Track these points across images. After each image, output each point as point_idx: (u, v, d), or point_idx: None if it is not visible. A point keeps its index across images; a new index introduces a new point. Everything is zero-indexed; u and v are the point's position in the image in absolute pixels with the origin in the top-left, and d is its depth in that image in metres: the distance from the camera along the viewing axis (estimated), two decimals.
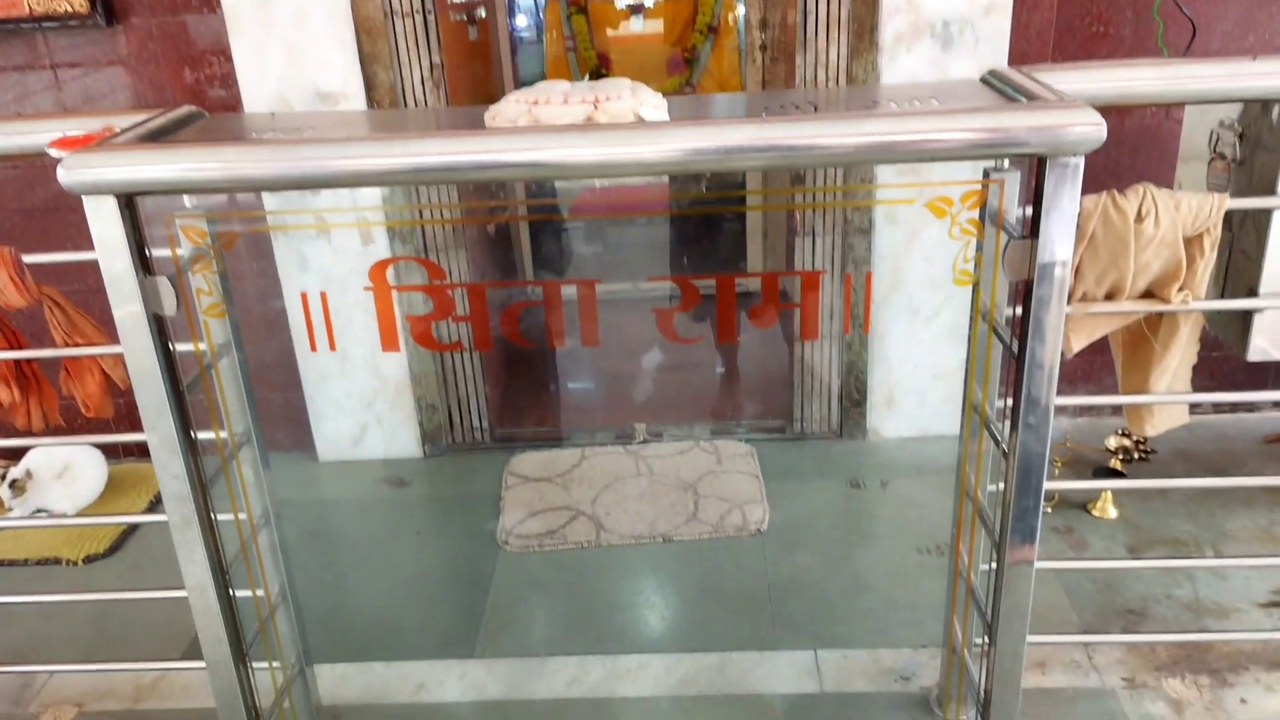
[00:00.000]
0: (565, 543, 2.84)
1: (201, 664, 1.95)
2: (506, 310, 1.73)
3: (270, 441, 3.44)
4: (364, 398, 3.19)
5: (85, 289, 2.08)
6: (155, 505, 3.07)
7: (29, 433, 2.03)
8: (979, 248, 1.71)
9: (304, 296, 2.87)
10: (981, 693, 1.93)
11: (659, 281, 4.23)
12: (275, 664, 2.12)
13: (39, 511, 3.01)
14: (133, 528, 2.97)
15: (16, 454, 3.09)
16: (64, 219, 3.05)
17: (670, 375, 3.80)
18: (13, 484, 2.93)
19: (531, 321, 1.79)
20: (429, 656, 2.45)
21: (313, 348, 3.02)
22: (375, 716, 2.30)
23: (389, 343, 1.72)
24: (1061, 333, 1.56)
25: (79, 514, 3.03)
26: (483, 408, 3.31)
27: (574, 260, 5.07)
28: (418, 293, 2.44)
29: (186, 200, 1.73)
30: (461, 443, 3.35)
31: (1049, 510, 2.85)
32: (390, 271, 1.78)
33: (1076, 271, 1.73)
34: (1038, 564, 1.75)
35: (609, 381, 3.86)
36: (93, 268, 1.54)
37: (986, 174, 1.68)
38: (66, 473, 3.04)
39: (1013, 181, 1.65)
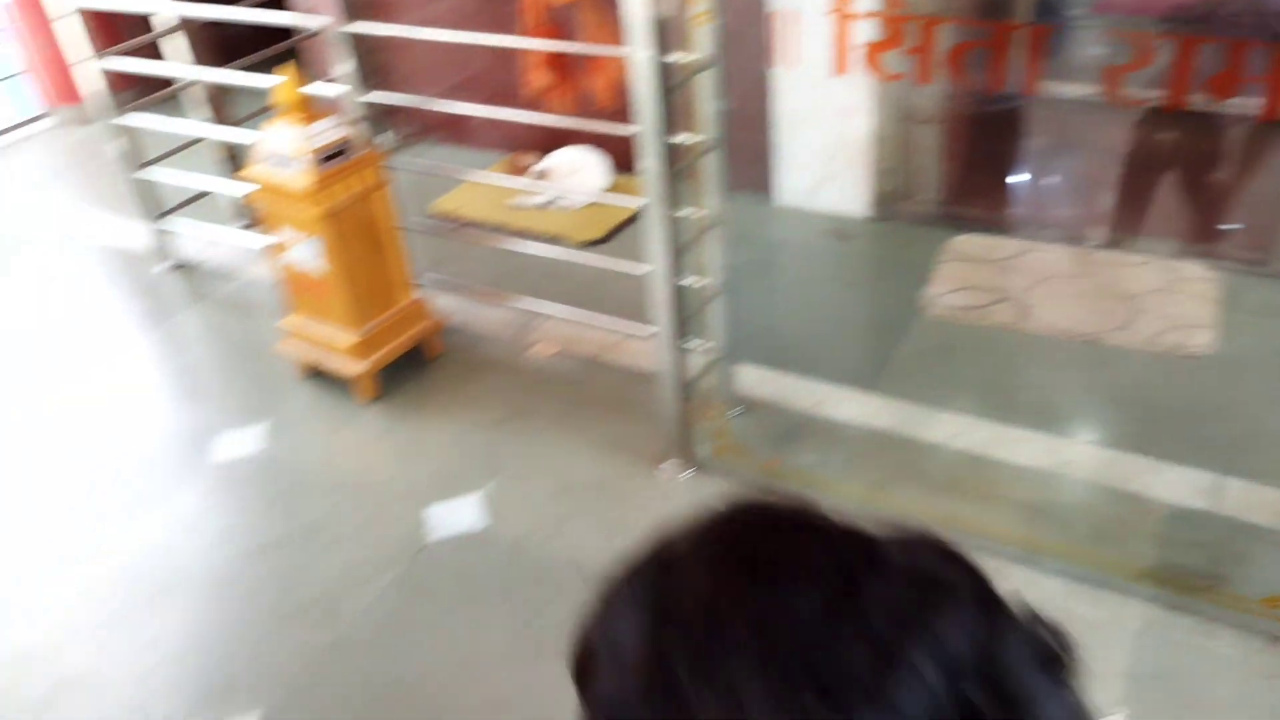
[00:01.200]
0: (985, 319, 2.92)
1: (653, 329, 2.40)
2: (954, 49, 1.81)
3: (735, 181, 3.83)
4: (827, 151, 3.41)
5: None
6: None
7: (558, 113, 2.52)
8: None
9: (773, 16, 3.02)
10: None
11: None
12: (706, 344, 2.53)
13: (554, 201, 3.69)
14: (622, 225, 3.53)
15: (546, 148, 3.77)
16: None
17: (1148, 186, 3.54)
18: (540, 174, 3.61)
19: (977, 63, 1.85)
20: (833, 381, 2.73)
21: (774, 64, 3.15)
22: (776, 413, 2.66)
23: (841, 67, 1.89)
24: None
25: (586, 206, 3.67)
26: (938, 182, 3.38)
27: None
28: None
29: None
30: (910, 213, 3.47)
31: None
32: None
33: None
34: None
35: (1076, 181, 3.69)
36: None
37: None
38: (578, 172, 3.67)
39: None
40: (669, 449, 2.49)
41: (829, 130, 3.37)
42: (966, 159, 3.39)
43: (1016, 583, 1.89)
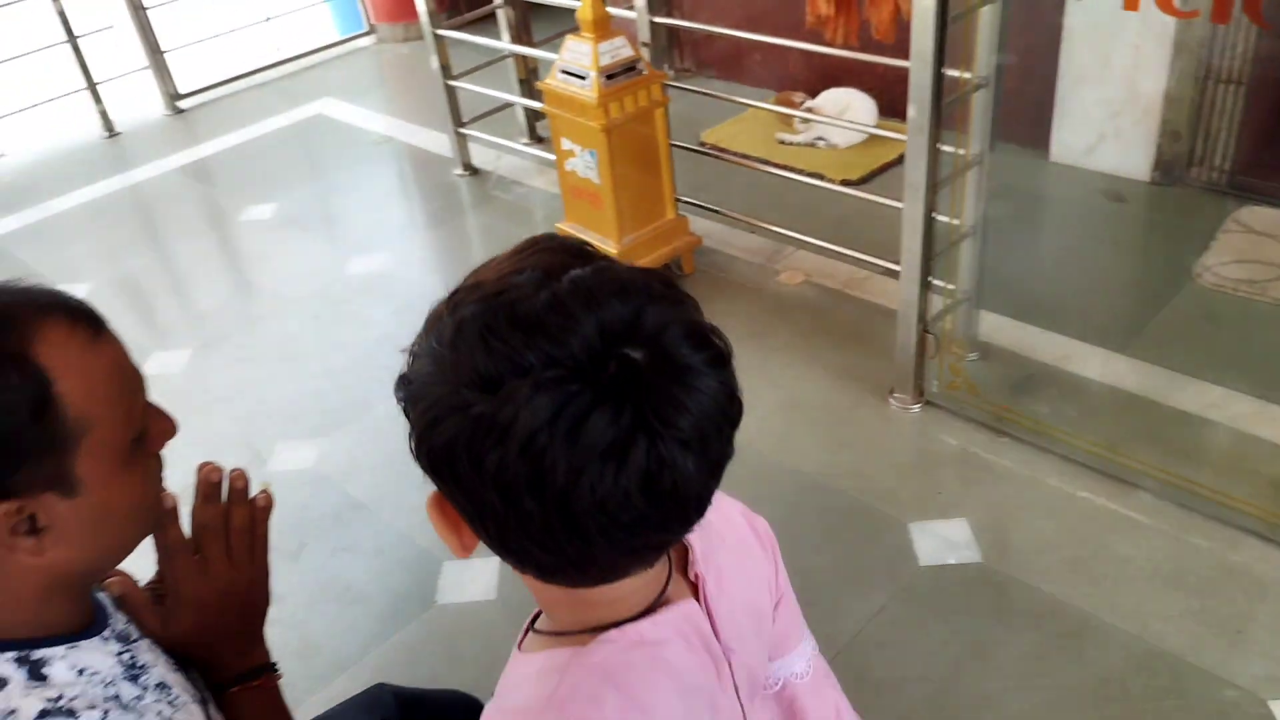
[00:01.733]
0: (1263, 294, 2.74)
1: (898, 266, 2.45)
2: None
3: (1010, 133, 3.75)
4: (1111, 107, 3.26)
5: None
6: None
7: (835, 44, 2.59)
8: None
9: None
10: None
11: None
12: (950, 285, 2.55)
13: (819, 139, 3.76)
14: (883, 168, 3.56)
15: (816, 89, 3.84)
16: None
17: None
18: (809, 111, 3.69)
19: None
20: (1084, 338, 2.67)
21: None
22: (1018, 362, 2.65)
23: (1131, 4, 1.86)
24: None
25: (848, 147, 3.72)
26: (1231, 148, 3.16)
27: None
28: None
29: None
30: (1195, 178, 3.26)
31: None
32: None
33: None
34: None
35: None
36: None
37: None
38: (846, 112, 3.72)
39: None
40: (900, 381, 2.55)
41: (1116, 85, 3.22)
42: (1267, 125, 3.13)
43: (1254, 555, 1.84)
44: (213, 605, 1.02)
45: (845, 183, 3.47)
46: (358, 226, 3.76)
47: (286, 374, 2.97)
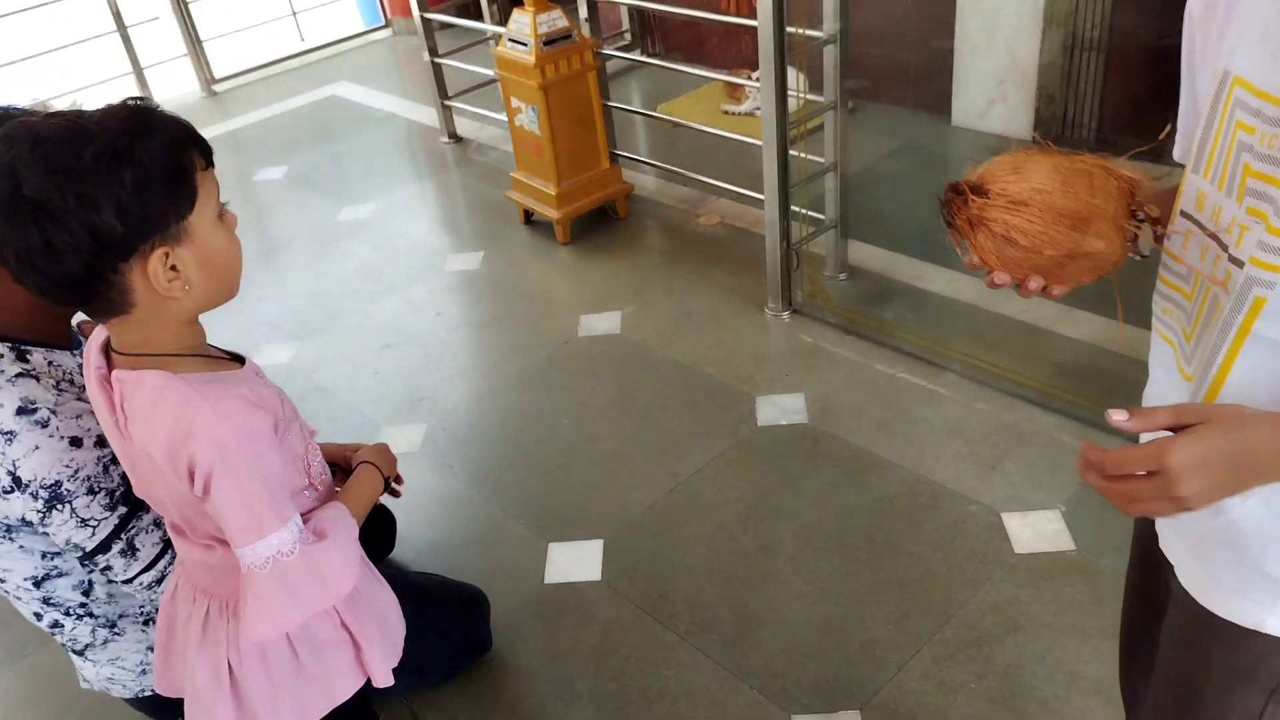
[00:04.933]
0: None
1: (762, 196, 2.95)
2: None
3: (916, 100, 4.22)
4: (997, 75, 3.72)
5: None
6: None
7: (729, 14, 3.08)
8: None
9: None
10: None
11: None
12: (816, 215, 3.04)
13: (756, 109, 4.27)
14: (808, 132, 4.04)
15: (755, 65, 4.34)
16: None
17: None
18: (753, 79, 4.19)
19: None
20: (940, 263, 3.13)
21: None
22: (878, 281, 3.13)
23: None
24: None
25: None
26: (1096, 109, 3.59)
27: None
28: None
29: None
30: (1070, 138, 3.70)
31: None
32: None
33: None
34: None
35: None
36: None
37: None
38: None
39: None
40: (771, 293, 3.04)
41: (1001, 55, 3.68)
42: (1127, 87, 3.56)
43: (1024, 415, 2.26)
44: None
45: None
46: (350, 183, 4.34)
47: (274, 295, 3.54)
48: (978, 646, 1.96)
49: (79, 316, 1.55)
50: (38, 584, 1.54)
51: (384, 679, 1.36)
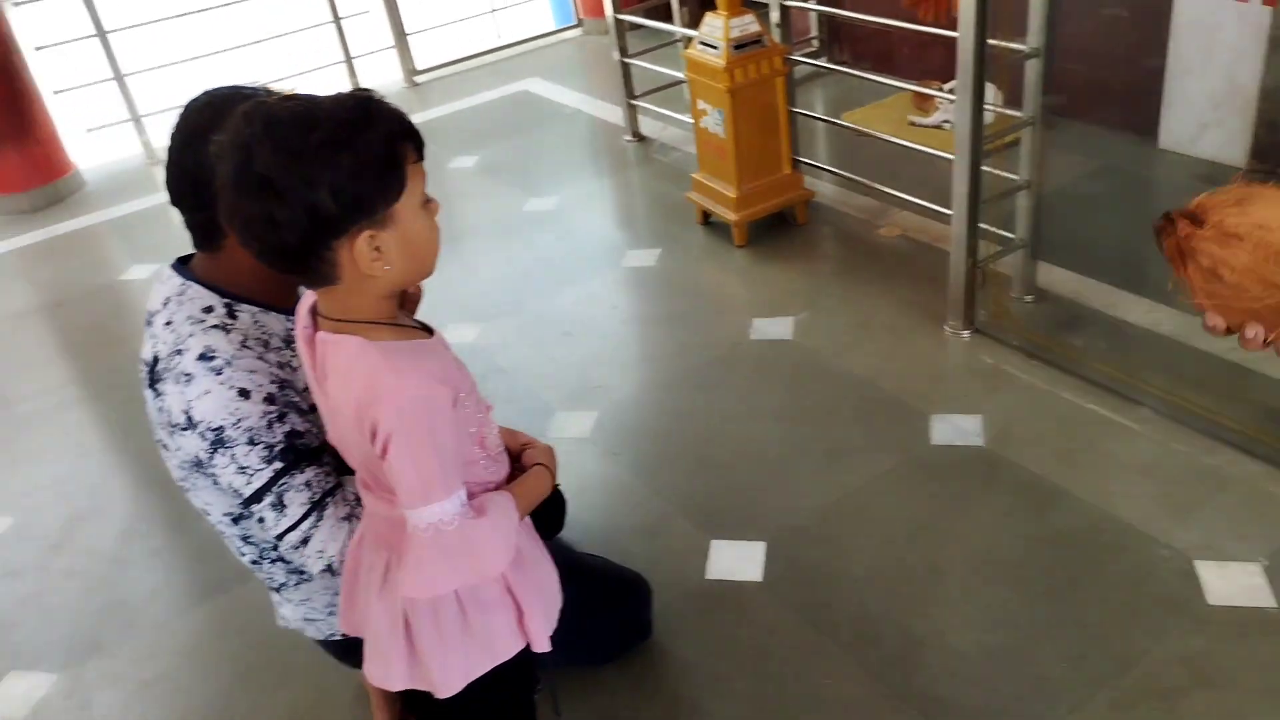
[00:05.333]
0: None
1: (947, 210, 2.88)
2: None
3: (1119, 121, 4.03)
4: (1212, 98, 3.50)
5: None
6: None
7: (927, 23, 3.03)
8: None
9: None
10: None
11: None
12: (1005, 233, 2.94)
13: (945, 121, 4.16)
14: (1001, 148, 3.91)
15: (945, 76, 4.22)
16: None
17: None
18: (947, 90, 4.09)
19: None
20: (1137, 292, 2.97)
21: None
22: (1068, 307, 2.99)
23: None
24: None
25: None
26: None
27: None
28: None
29: None
30: None
31: None
32: None
33: None
34: None
35: None
36: None
37: None
38: None
39: None
40: (952, 310, 2.96)
41: (1218, 77, 3.46)
42: None
43: (1226, 460, 2.13)
44: None
45: None
46: (537, 176, 4.49)
47: (462, 277, 3.70)
48: (1162, 698, 1.85)
49: None
50: (235, 520, 1.66)
51: (541, 644, 1.44)
